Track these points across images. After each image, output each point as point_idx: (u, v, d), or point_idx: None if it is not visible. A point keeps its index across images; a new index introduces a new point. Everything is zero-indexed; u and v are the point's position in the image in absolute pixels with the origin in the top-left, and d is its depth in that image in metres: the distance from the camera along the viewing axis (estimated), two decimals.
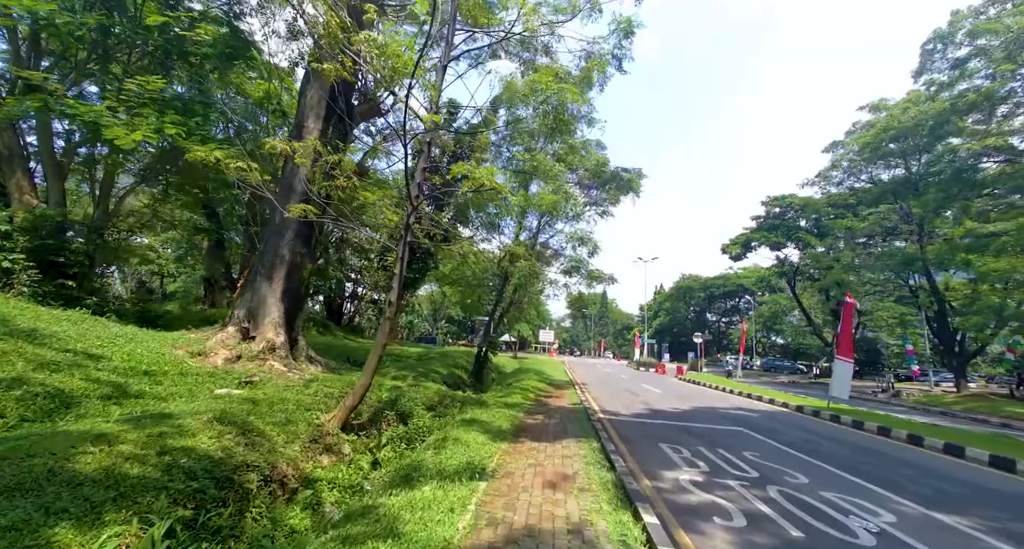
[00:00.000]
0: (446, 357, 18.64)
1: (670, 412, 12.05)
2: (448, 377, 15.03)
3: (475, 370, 16.25)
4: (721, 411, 12.76)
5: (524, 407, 10.71)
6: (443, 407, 10.27)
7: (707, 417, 11.47)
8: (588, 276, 16.13)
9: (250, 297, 10.92)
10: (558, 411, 10.67)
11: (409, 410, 9.09)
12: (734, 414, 12.31)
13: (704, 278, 78.18)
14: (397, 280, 7.10)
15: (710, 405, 13.98)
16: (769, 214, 39.10)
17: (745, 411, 12.98)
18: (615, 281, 16.11)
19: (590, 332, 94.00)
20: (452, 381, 14.91)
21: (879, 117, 25.34)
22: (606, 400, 13.97)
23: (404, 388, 10.77)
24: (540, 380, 17.56)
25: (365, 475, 6.35)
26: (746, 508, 4.70)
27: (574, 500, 4.36)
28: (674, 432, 9.08)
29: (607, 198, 15.46)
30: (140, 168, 13.51)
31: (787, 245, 41.02)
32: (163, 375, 7.40)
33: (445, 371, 15.38)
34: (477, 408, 10.22)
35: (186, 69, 12.53)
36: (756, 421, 11.22)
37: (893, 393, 25.22)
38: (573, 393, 14.81)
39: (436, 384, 12.66)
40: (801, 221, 38.51)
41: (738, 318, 79.72)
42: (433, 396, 10.53)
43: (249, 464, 4.43)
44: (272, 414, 6.04)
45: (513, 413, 9.48)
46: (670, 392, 17.90)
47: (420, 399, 9.82)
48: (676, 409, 12.69)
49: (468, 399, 11.28)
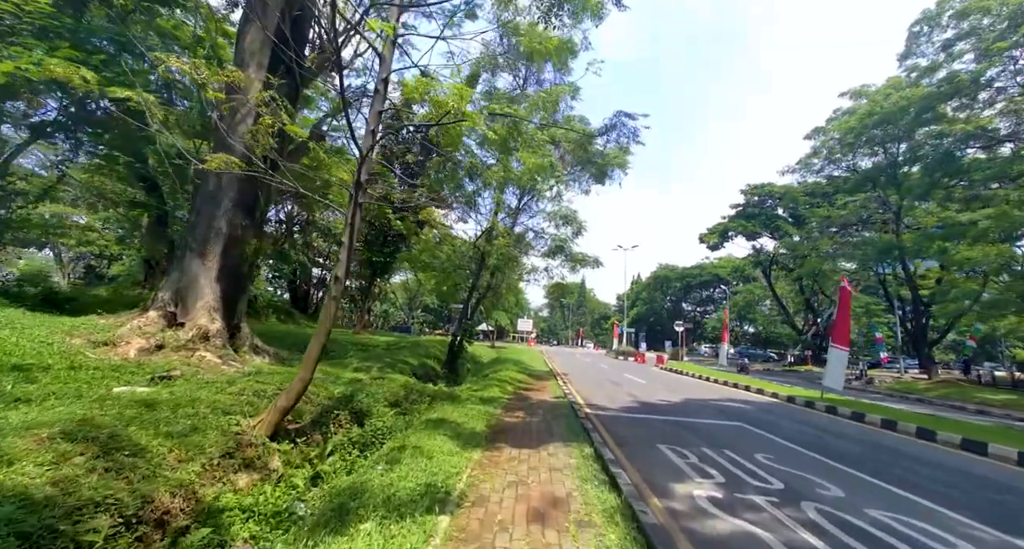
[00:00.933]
0: (418, 346, 17.26)
1: (661, 405, 11.10)
2: (419, 368, 13.69)
3: (449, 360, 14.96)
4: (713, 403, 11.91)
5: (502, 402, 9.51)
6: (409, 403, 8.96)
7: (701, 411, 10.55)
8: (571, 259, 14.92)
9: (178, 277, 9.24)
10: (540, 406, 9.52)
11: (367, 408, 7.75)
12: (728, 407, 11.46)
13: (681, 268, 78.82)
14: (346, 251, 5.70)
15: (700, 397, 13.14)
16: (749, 202, 38.95)
17: (738, 403, 12.18)
18: (600, 264, 15.06)
19: (568, 321, 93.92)
20: (423, 373, 13.58)
21: (860, 103, 25.05)
22: (591, 392, 12.95)
23: (365, 381, 9.39)
24: (519, 370, 16.42)
25: (300, 495, 5.01)
26: (791, 541, 3.62)
27: (572, 544, 3.15)
28: (671, 430, 8.06)
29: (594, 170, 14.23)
30: (46, 121, 11.37)
31: (763, 235, 41.14)
32: (43, 370, 5.80)
33: (415, 361, 14.02)
34: (448, 404, 8.96)
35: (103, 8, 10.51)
36: (753, 415, 10.38)
37: (866, 380, 25.35)
38: (555, 385, 13.73)
39: (404, 376, 11.31)
40: (779, 210, 38.57)
41: (712, 307, 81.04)
42: (398, 390, 9.20)
43: (100, 501, 3.02)
44: (173, 421, 4.60)
45: (489, 410, 8.26)
46: (655, 382, 17.09)
47: (383, 394, 8.48)
48: (666, 402, 11.76)
49: (439, 393, 9.99)
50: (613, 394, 12.76)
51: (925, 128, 19.04)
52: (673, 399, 12.32)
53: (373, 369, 11.55)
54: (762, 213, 38.32)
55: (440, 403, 9.30)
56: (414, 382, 10.67)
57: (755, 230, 40.29)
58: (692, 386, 16.42)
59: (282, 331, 17.31)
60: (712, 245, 44.38)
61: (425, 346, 17.84)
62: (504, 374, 14.45)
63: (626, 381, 16.96)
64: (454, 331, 15.49)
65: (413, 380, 11.13)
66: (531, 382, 14.01)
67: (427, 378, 13.42)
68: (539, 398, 10.62)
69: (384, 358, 13.08)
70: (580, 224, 13.74)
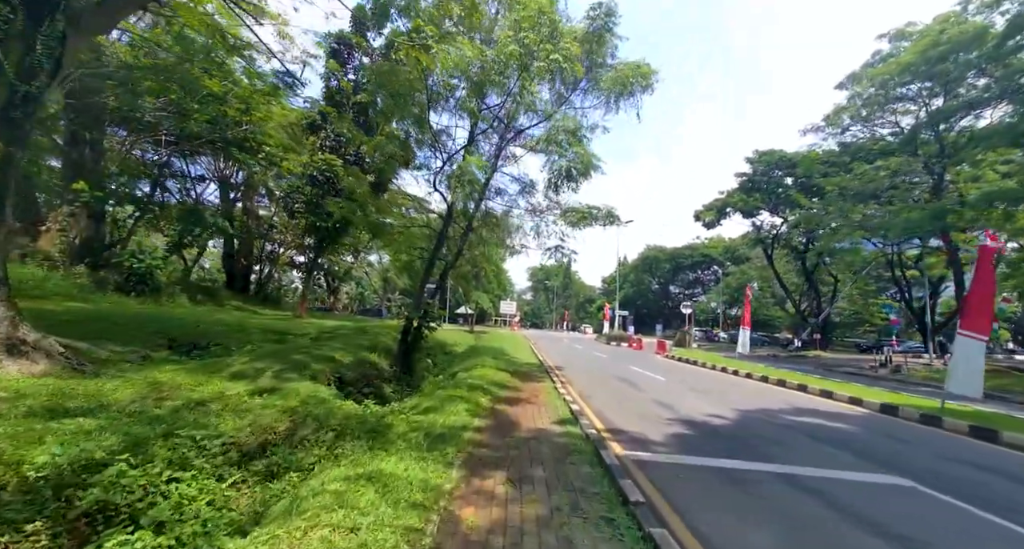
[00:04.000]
0: (363, 334, 12.88)
1: (719, 428, 7.07)
2: (353, 368, 9.34)
3: (402, 355, 10.66)
4: (788, 421, 7.97)
5: (465, 440, 5.27)
6: (290, 448, 4.70)
7: (791, 441, 6.56)
8: (579, 214, 10.51)
9: None
10: (536, 448, 5.32)
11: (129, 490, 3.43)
12: (820, 428, 7.52)
13: (671, 249, 75.72)
14: None
15: (754, 405, 9.21)
16: (755, 172, 35.17)
17: (825, 420, 8.26)
18: (618, 220, 10.81)
19: (552, 305, 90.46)
20: (359, 374, 9.25)
21: (902, 46, 21.17)
22: (603, 400, 8.88)
23: (211, 411, 5.05)
24: (501, 366, 12.26)
25: None
26: None
27: None
28: (793, 502, 4.00)
29: (608, 86, 9.83)
30: None
31: (763, 211, 37.73)
32: None
33: (349, 358, 9.66)
34: (363, 450, 4.72)
35: None
36: (877, 447, 6.44)
37: (893, 368, 22.17)
38: (550, 389, 9.60)
39: (314, 386, 6.98)
40: (787, 180, 34.99)
41: (701, 290, 78.51)
42: (275, 422, 4.91)
43: None
44: None
45: (434, 473, 4.01)
46: (673, 379, 13.18)
47: (227, 435, 4.18)
48: (719, 419, 7.76)
49: (355, 421, 5.67)
50: (635, 403, 8.71)
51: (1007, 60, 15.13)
52: (723, 412, 8.34)
53: (266, 374, 7.16)
54: (770, 183, 34.69)
55: (352, 443, 5.03)
56: (322, 397, 6.34)
57: (756, 205, 36.90)
58: (724, 385, 12.55)
59: (188, 315, 12.69)
60: (708, 223, 40.95)
61: (374, 333, 13.45)
62: (480, 373, 10.25)
63: (637, 377, 13.01)
64: (408, 312, 11.11)
65: (325, 392, 6.80)
66: (517, 386, 9.84)
67: (365, 382, 9.11)
68: (532, 424, 6.42)
69: (298, 354, 8.66)
70: (590, 159, 9.28)
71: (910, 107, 22.30)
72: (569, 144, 8.81)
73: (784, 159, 33.35)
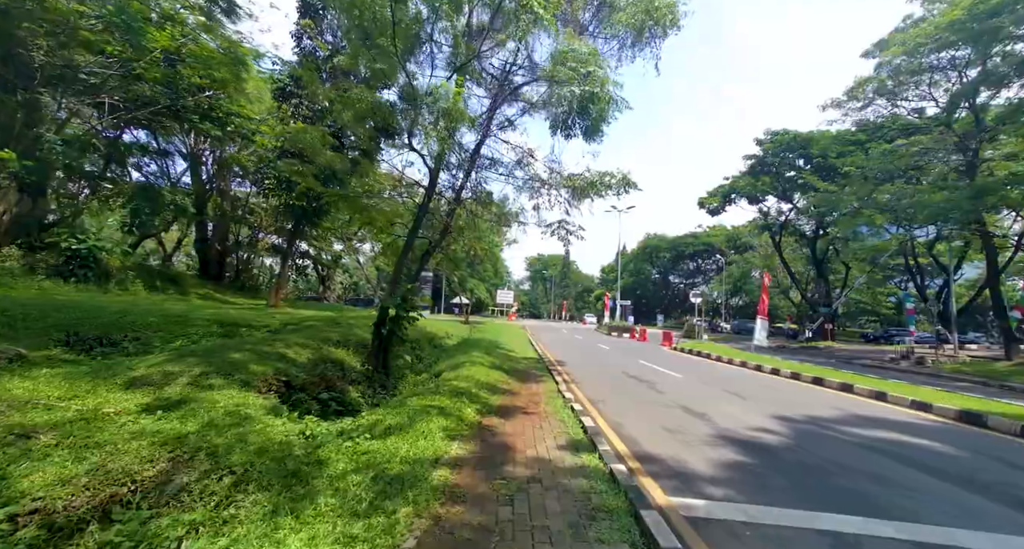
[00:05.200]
0: (336, 326, 11.08)
1: (779, 450, 5.36)
2: (308, 368, 7.55)
3: (376, 351, 8.88)
4: (859, 437, 6.27)
5: (432, 485, 3.50)
6: (139, 516, 2.88)
7: (889, 473, 4.85)
8: (588, 182, 8.60)
9: None
10: (537, 499, 3.57)
11: None
12: (903, 447, 5.83)
13: (672, 237, 73.87)
14: None
15: (806, 414, 7.50)
16: (766, 153, 33.22)
17: (904, 435, 6.57)
18: (634, 186, 8.92)
19: (551, 294, 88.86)
20: (317, 376, 7.46)
21: (938, 7, 19.19)
22: (618, 407, 7.15)
23: (33, 446, 3.22)
24: (495, 363, 10.53)
25: None
26: None
27: None
28: None
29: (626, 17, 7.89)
30: None
31: (770, 196, 35.95)
32: None
33: (307, 355, 7.87)
34: (262, 518, 2.91)
35: None
36: (1009, 480, 4.74)
37: (916, 359, 20.60)
38: (553, 394, 7.87)
39: (245, 395, 5.23)
40: (799, 162, 33.12)
41: (701, 279, 76.90)
42: (132, 465, 3.11)
43: None
44: None
45: None
46: (695, 377, 11.50)
47: (30, 491, 2.35)
48: (770, 435, 6.06)
49: (279, 457, 3.87)
50: (658, 411, 6.99)
51: None
52: (769, 423, 6.64)
53: (179, 380, 5.38)
54: (782, 165, 32.83)
55: (255, 496, 3.24)
56: (245, 414, 4.57)
57: (764, 190, 35.21)
58: (752, 384, 10.87)
59: (130, 303, 10.85)
60: (712, 209, 39.21)
61: (350, 325, 11.66)
62: (469, 373, 8.51)
63: (649, 374, 11.32)
64: (383, 301, 9.29)
65: (256, 405, 5.04)
66: (513, 389, 8.10)
67: (324, 385, 7.33)
68: (533, 452, 4.66)
69: (238, 352, 6.86)
70: (608, 86, 7.29)
71: (943, 77, 20.39)
72: (583, 67, 6.77)
73: (798, 138, 31.44)
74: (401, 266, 9.36)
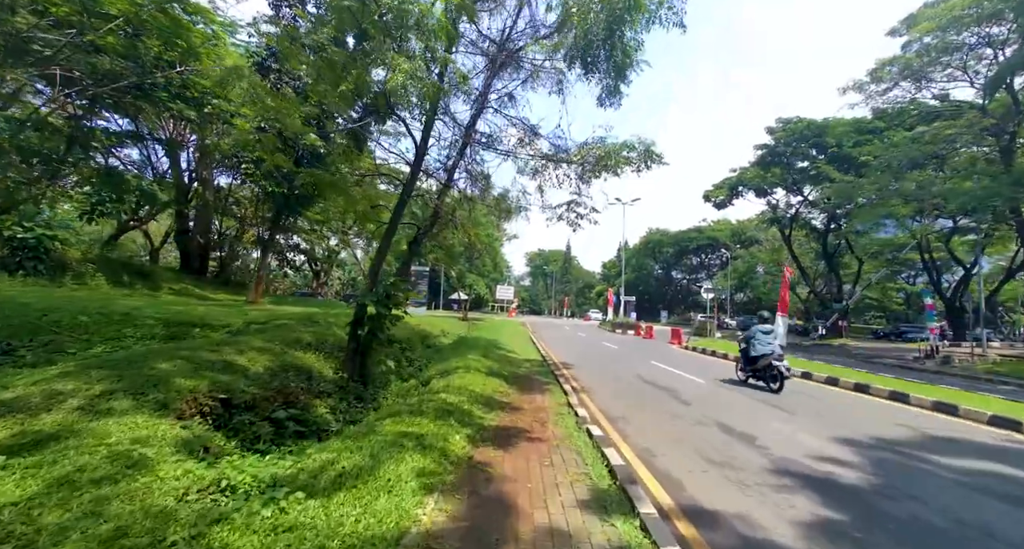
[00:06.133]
0: (313, 325, 9.70)
1: (866, 495, 4.00)
2: (263, 380, 6.18)
3: (352, 355, 7.50)
4: (956, 468, 4.93)
5: None
6: None
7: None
8: (605, 152, 7.15)
9: None
10: None
11: None
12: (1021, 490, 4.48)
13: (675, 232, 72.34)
14: None
15: (872, 434, 6.15)
16: (777, 142, 31.68)
17: (1012, 468, 5.22)
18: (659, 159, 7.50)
19: (551, 290, 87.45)
20: (272, 391, 6.08)
21: None
22: (644, 427, 5.80)
23: None
24: (493, 365, 9.19)
25: None
26: None
27: None
28: None
29: None
30: None
31: (779, 189, 34.53)
32: None
33: (264, 363, 6.50)
34: None
35: None
36: None
37: (942, 359, 19.27)
38: (562, 410, 6.50)
39: (156, 422, 3.88)
40: (812, 151, 31.62)
41: (704, 274, 75.36)
42: None
43: None
44: None
45: None
46: (726, 384, 10.16)
47: None
48: (845, 468, 4.71)
49: (145, 541, 2.51)
50: (696, 433, 5.63)
51: None
52: (834, 449, 5.29)
53: (69, 401, 4.01)
54: (795, 154, 31.35)
55: None
56: (135, 456, 3.17)
57: (773, 182, 33.83)
58: (792, 393, 9.52)
59: (58, 301, 9.44)
60: (719, 202, 37.75)
61: (328, 324, 10.28)
62: (463, 382, 7.15)
63: (668, 379, 9.98)
64: (359, 296, 7.88)
65: (165, 437, 3.66)
66: (514, 402, 6.74)
67: (282, 401, 5.96)
68: (542, 516, 3.29)
69: (168, 362, 5.48)
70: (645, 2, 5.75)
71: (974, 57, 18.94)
72: None
73: (812, 127, 29.91)
74: (383, 254, 7.97)
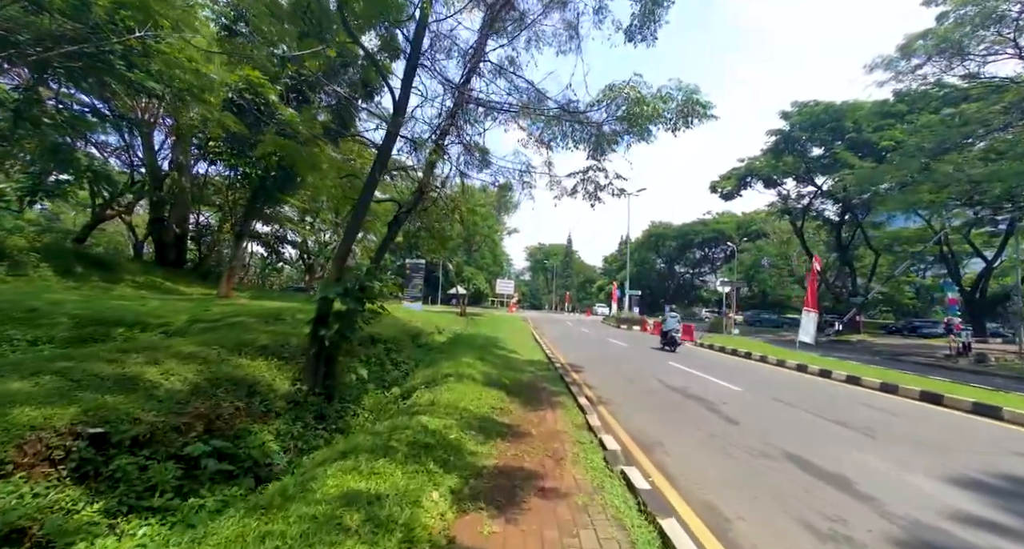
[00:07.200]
0: (276, 322, 8.16)
1: None
2: (185, 397, 4.64)
3: (314, 362, 5.96)
4: None
5: None
6: None
7: None
8: (645, 101, 5.49)
9: None
10: None
11: None
12: None
13: (678, 225, 70.55)
14: None
15: (987, 469, 4.65)
16: (793, 127, 29.95)
17: None
18: (706, 111, 5.97)
19: (552, 285, 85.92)
20: (197, 414, 4.55)
21: None
22: (694, 464, 4.29)
23: None
24: (491, 370, 7.66)
25: None
26: None
27: None
28: None
29: None
30: None
31: (789, 179, 32.90)
32: None
33: (190, 376, 4.97)
34: None
35: None
36: None
37: (976, 358, 17.78)
38: (579, 434, 4.97)
39: None
40: (829, 137, 29.93)
41: (708, 268, 73.73)
42: None
43: None
44: None
45: None
46: (759, 390, 8.63)
47: None
48: (1005, 540, 3.16)
49: None
50: (766, 470, 4.11)
51: None
52: (966, 503, 3.78)
53: None
54: (811, 140, 29.69)
55: None
56: None
57: (785, 171, 32.28)
58: (845, 402, 7.99)
59: None
60: (726, 193, 36.15)
61: (297, 322, 8.70)
62: (452, 395, 5.62)
63: (695, 385, 8.44)
64: (320, 289, 6.30)
65: None
66: (517, 423, 5.20)
67: (207, 429, 4.42)
68: None
69: (40, 375, 3.95)
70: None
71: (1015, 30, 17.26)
72: None
73: (830, 110, 28.20)
74: (352, 236, 6.36)
